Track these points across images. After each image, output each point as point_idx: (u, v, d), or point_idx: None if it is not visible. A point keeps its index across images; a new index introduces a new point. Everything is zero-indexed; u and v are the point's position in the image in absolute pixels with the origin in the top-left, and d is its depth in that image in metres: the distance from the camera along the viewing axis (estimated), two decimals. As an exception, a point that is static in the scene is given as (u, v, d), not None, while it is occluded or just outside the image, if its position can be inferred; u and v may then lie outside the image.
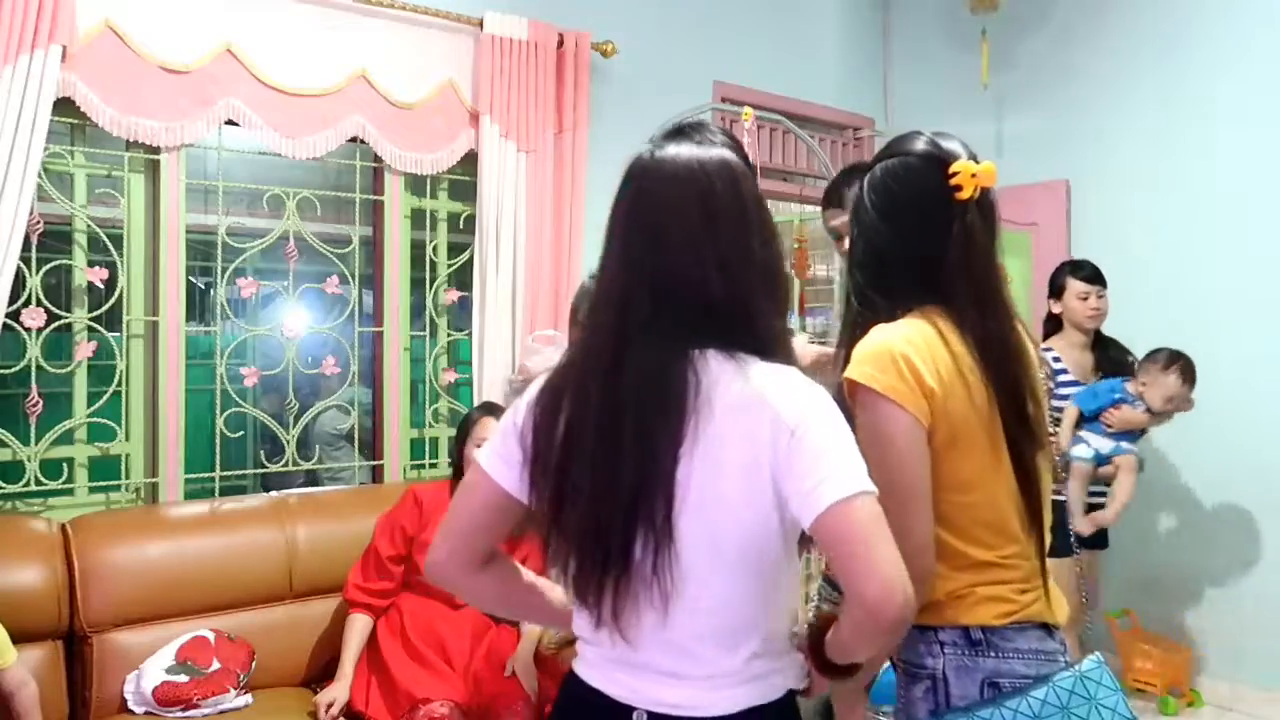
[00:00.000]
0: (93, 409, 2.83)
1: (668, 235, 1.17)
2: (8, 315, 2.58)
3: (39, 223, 2.66)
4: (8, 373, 2.73)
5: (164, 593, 2.57)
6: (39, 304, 2.70)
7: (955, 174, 1.40)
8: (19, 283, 2.61)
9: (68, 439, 2.81)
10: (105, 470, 2.89)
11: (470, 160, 3.37)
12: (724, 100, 4.04)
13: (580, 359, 1.20)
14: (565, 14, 3.52)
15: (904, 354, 1.34)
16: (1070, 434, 3.18)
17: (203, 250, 3.51)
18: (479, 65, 3.33)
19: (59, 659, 2.45)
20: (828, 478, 1.09)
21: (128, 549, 2.56)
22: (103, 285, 2.82)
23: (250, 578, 2.70)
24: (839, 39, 4.64)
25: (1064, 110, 4.13)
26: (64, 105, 2.67)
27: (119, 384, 2.86)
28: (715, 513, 1.13)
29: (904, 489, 1.31)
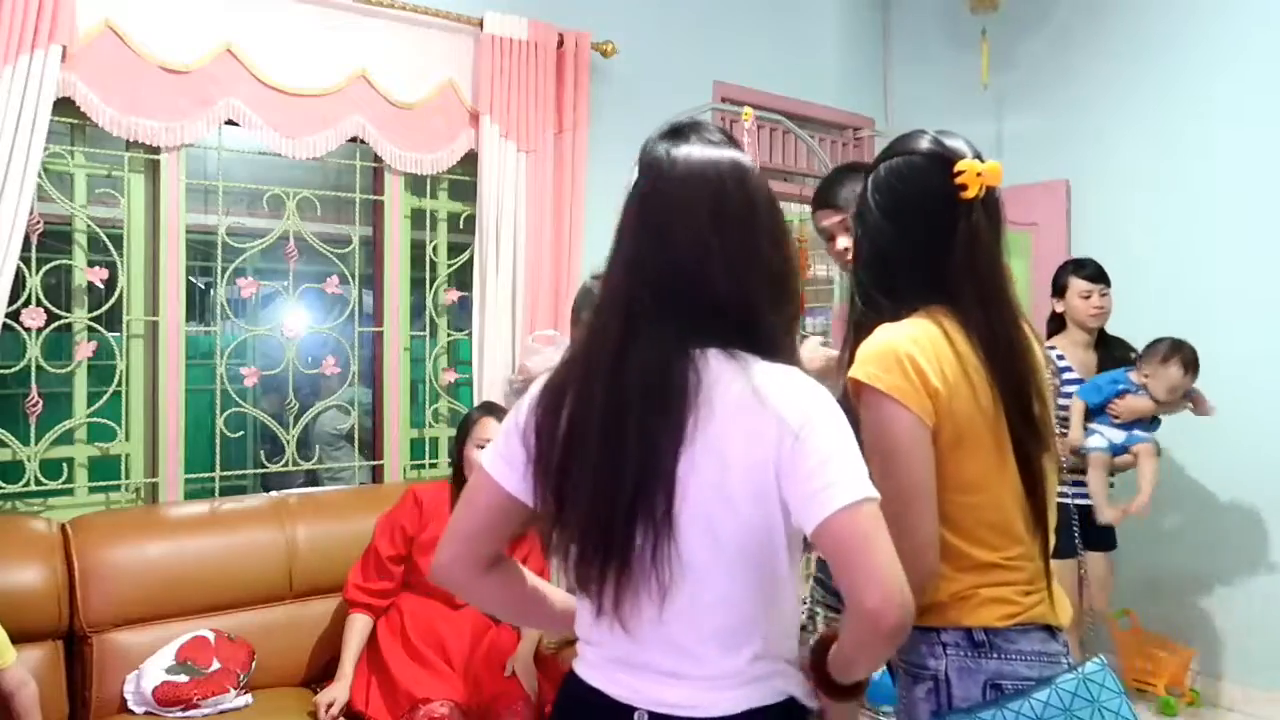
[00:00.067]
0: (93, 409, 2.83)
1: (674, 233, 1.17)
2: (8, 315, 2.58)
3: (39, 223, 2.66)
4: (8, 373, 2.73)
5: (164, 593, 2.57)
6: (39, 304, 2.70)
7: (960, 173, 1.39)
8: (19, 283, 2.61)
9: (68, 439, 2.81)
10: (105, 470, 2.89)
11: (470, 160, 3.37)
12: (724, 100, 4.04)
13: (583, 355, 1.20)
14: (565, 14, 3.52)
15: (909, 354, 1.34)
16: (1081, 429, 3.18)
17: (203, 250, 3.50)
18: (479, 65, 3.33)
19: (59, 659, 2.45)
20: (831, 484, 1.09)
21: (128, 549, 2.56)
22: (103, 285, 2.82)
23: (250, 578, 2.70)
24: (839, 39, 4.64)
25: (1064, 110, 4.13)
26: (64, 105, 2.67)
27: (119, 384, 2.86)
28: (717, 508, 1.13)
29: (908, 489, 1.31)
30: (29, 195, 2.53)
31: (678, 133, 1.85)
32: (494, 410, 2.80)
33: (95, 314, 2.85)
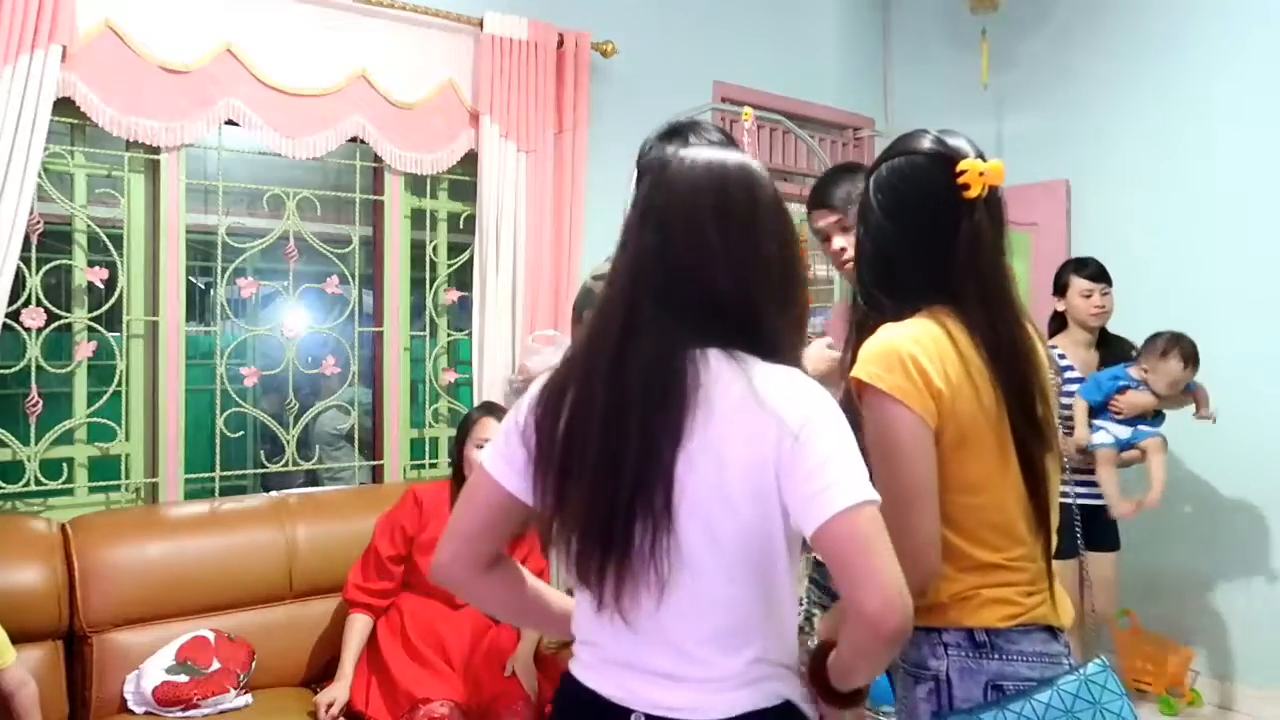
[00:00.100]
0: (93, 409, 2.83)
1: (677, 232, 1.18)
2: (8, 315, 2.57)
3: (39, 223, 2.66)
4: (8, 373, 2.73)
5: (164, 593, 2.57)
6: (39, 304, 2.70)
7: (963, 172, 1.38)
8: (19, 283, 2.60)
9: (68, 439, 2.81)
10: (105, 470, 2.89)
11: (470, 160, 3.37)
12: (724, 100, 4.04)
13: (584, 354, 1.21)
14: (565, 14, 3.52)
15: (911, 354, 1.33)
16: (1086, 427, 3.18)
17: (203, 250, 3.50)
18: (479, 65, 3.33)
19: (59, 659, 2.45)
20: (830, 486, 1.09)
21: (128, 549, 2.56)
22: (103, 285, 2.82)
23: (250, 578, 2.70)
24: (839, 39, 4.64)
25: (1064, 110, 4.12)
26: (64, 105, 2.66)
27: (119, 384, 2.86)
28: (715, 508, 1.13)
29: (910, 489, 1.30)
30: (29, 195, 2.53)
31: (676, 133, 1.86)
32: (494, 410, 2.80)
33: (95, 314, 2.85)
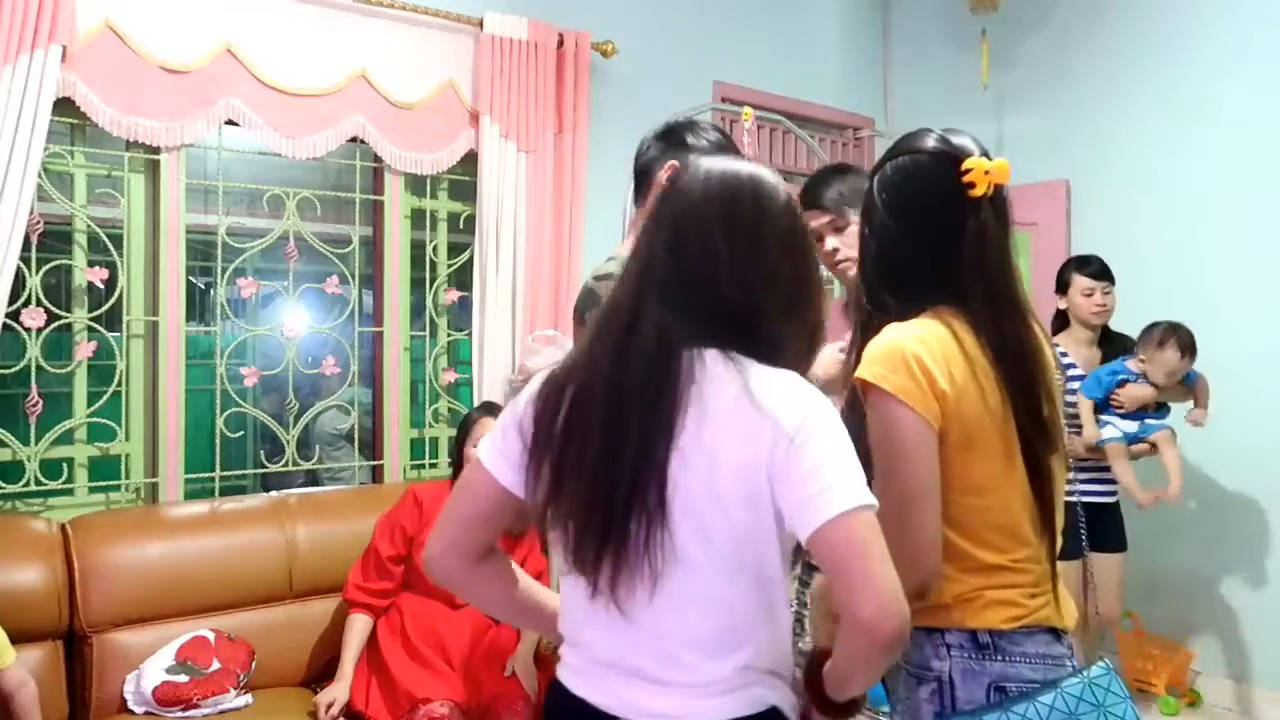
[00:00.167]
0: (93, 409, 2.83)
1: (687, 239, 1.20)
2: (8, 315, 2.57)
3: (39, 223, 2.65)
4: (8, 373, 2.73)
5: (164, 593, 2.57)
6: (39, 304, 2.70)
7: (968, 171, 1.37)
8: (19, 283, 2.60)
9: (68, 439, 2.81)
10: (105, 470, 2.88)
11: (470, 160, 3.37)
12: (724, 100, 4.03)
13: (588, 351, 1.22)
14: (565, 14, 3.52)
15: (915, 354, 1.33)
16: (1093, 425, 3.19)
17: (203, 250, 3.50)
18: (479, 65, 3.32)
19: (59, 659, 2.45)
20: (826, 490, 1.08)
21: (128, 549, 2.56)
22: (103, 285, 2.82)
23: (250, 578, 2.70)
24: (839, 39, 4.64)
25: (1064, 110, 4.12)
26: (64, 105, 2.66)
27: (119, 384, 2.86)
28: (707, 508, 1.13)
29: (912, 490, 1.30)
30: (29, 195, 2.53)
31: (673, 132, 1.89)
32: (494, 410, 2.80)
33: (95, 314, 2.85)
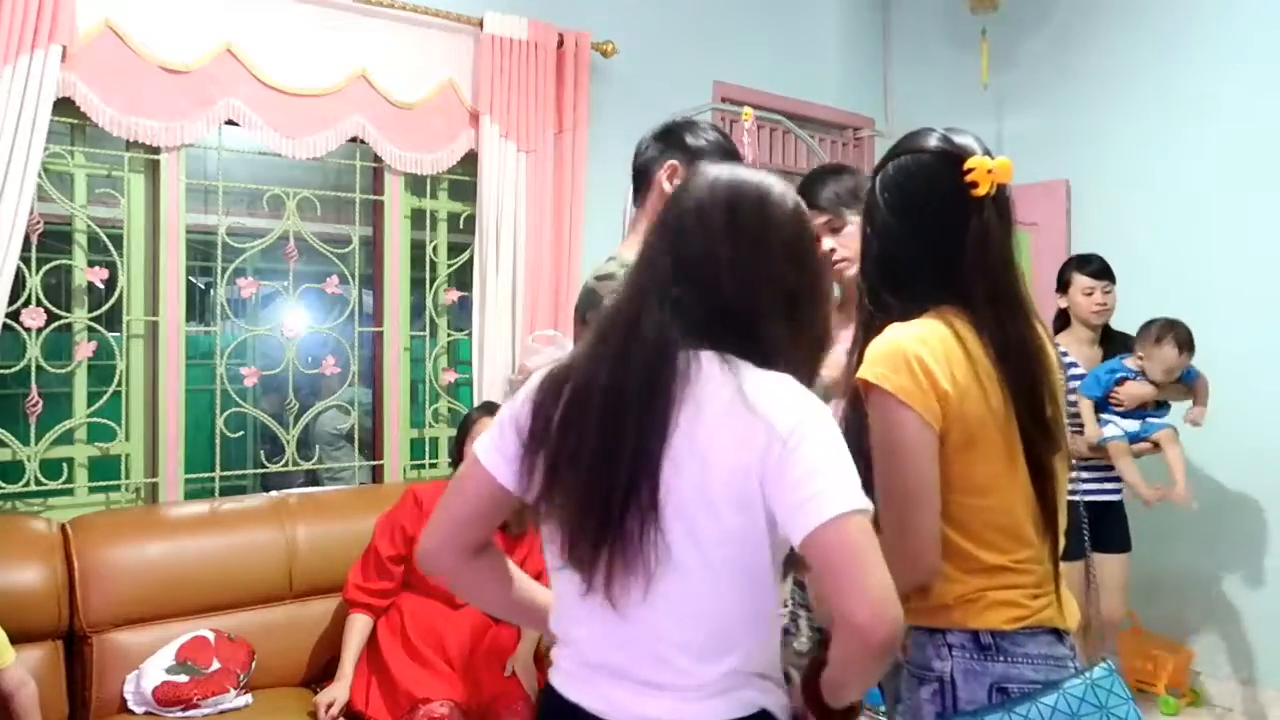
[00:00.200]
0: (93, 409, 2.83)
1: (689, 240, 1.21)
2: (8, 315, 2.57)
3: (39, 223, 2.65)
4: (8, 373, 2.73)
5: (164, 593, 2.57)
6: (39, 304, 2.70)
7: (970, 170, 1.37)
8: (19, 283, 2.60)
9: (68, 439, 2.81)
10: (105, 470, 2.88)
11: (470, 160, 3.37)
12: (724, 100, 4.03)
13: (590, 350, 1.22)
14: (565, 14, 3.52)
15: (917, 355, 1.32)
16: (1095, 424, 3.20)
17: (203, 250, 3.50)
18: (479, 65, 3.32)
19: (59, 659, 2.45)
20: (819, 493, 1.08)
21: (128, 549, 2.56)
22: (103, 285, 2.82)
23: (250, 578, 2.70)
24: (839, 39, 4.64)
25: (1064, 110, 4.12)
26: (64, 105, 2.66)
27: (119, 384, 2.86)
28: (699, 511, 1.13)
29: (912, 489, 1.30)
30: (29, 195, 2.53)
31: (672, 132, 1.90)
32: (494, 410, 2.78)
33: (95, 314, 2.85)
